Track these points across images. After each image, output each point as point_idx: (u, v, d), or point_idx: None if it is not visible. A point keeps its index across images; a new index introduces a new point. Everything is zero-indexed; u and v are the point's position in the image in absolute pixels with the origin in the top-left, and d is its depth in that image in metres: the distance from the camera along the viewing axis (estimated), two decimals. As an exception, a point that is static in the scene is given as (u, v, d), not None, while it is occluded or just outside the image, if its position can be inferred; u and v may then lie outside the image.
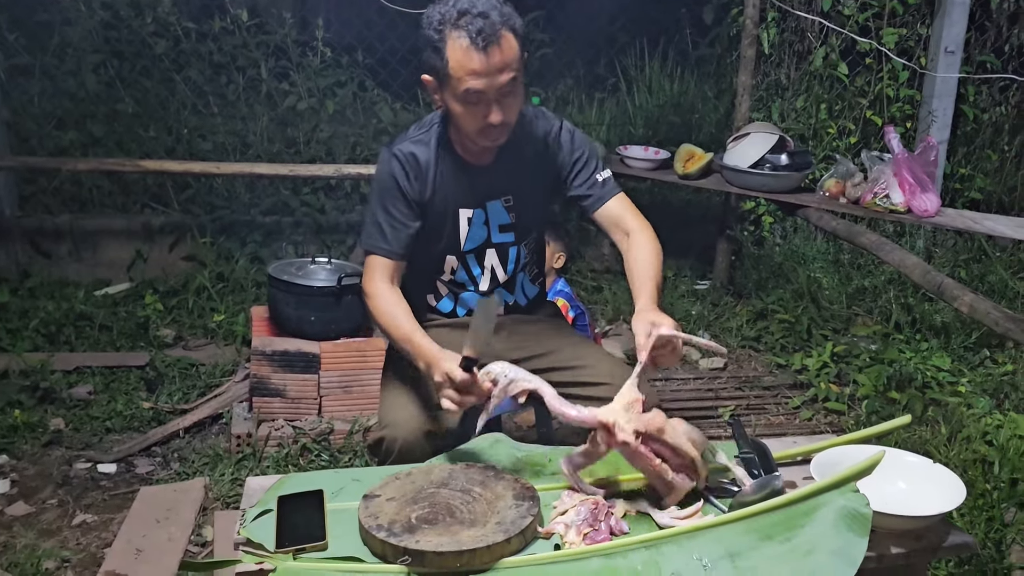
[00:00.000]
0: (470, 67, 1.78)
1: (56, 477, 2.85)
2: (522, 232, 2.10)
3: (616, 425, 1.59)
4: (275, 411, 3.05)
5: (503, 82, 1.80)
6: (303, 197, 4.54)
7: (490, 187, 2.03)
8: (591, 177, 2.06)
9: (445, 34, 1.78)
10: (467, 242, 2.06)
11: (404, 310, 1.94)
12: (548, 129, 2.05)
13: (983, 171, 4.78)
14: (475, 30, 1.75)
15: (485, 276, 2.11)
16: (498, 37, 1.77)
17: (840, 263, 4.45)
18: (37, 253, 4.33)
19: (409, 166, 1.98)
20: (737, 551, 1.46)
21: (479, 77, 1.79)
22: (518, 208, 2.07)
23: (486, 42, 1.76)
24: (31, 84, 4.40)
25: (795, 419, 3.35)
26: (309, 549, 1.48)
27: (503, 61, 1.79)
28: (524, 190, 2.06)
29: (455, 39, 1.77)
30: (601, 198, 2.06)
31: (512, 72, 1.81)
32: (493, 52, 1.77)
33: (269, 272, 3.14)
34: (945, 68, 4.46)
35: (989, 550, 2.36)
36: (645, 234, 2.03)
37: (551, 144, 2.05)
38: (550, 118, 2.07)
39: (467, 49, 1.77)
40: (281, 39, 4.62)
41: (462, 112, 1.86)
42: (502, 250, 2.09)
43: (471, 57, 1.77)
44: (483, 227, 2.05)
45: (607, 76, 5.23)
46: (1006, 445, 2.81)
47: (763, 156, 3.58)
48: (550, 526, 1.55)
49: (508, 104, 1.85)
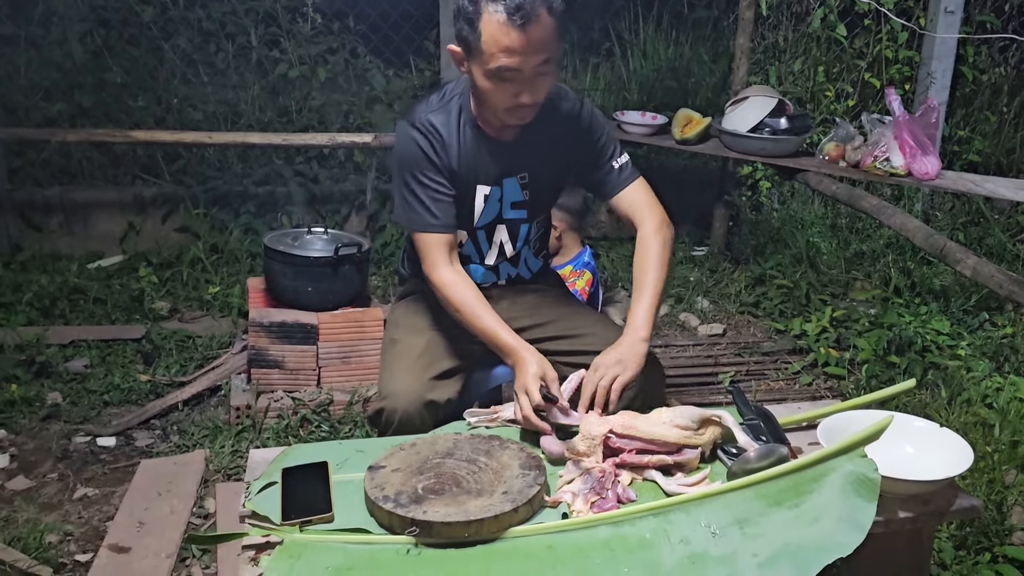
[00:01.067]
0: (504, 44, 1.71)
1: (55, 451, 2.84)
2: (534, 210, 2.07)
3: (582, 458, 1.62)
4: (274, 382, 3.04)
5: (537, 62, 1.74)
6: (296, 167, 4.49)
7: (509, 164, 1.98)
8: (608, 163, 2.02)
9: (481, 6, 1.71)
10: (480, 218, 2.02)
11: (481, 300, 1.91)
12: (570, 110, 1.99)
13: (982, 133, 4.75)
14: (513, 6, 1.68)
15: (493, 251, 2.08)
16: (537, 15, 1.69)
17: (838, 227, 4.43)
18: (28, 227, 4.29)
19: (433, 137, 1.91)
20: (745, 517, 1.46)
21: (513, 55, 1.72)
22: (532, 186, 2.02)
23: (524, 20, 1.68)
24: (17, 54, 4.31)
25: (795, 384, 3.35)
26: (315, 521, 1.47)
27: (539, 41, 1.72)
28: (540, 169, 2.01)
29: (491, 13, 1.70)
30: (618, 185, 2.02)
31: (547, 53, 1.75)
32: (530, 31, 1.70)
33: (265, 243, 3.11)
34: (945, 28, 4.40)
35: (991, 512, 2.37)
36: (656, 233, 1.99)
37: (571, 126, 1.99)
38: (572, 98, 2.01)
39: (503, 25, 1.69)
40: (270, 5, 4.54)
41: (491, 88, 1.79)
42: (513, 227, 2.06)
43: (507, 34, 1.70)
44: (496, 203, 2.01)
45: (602, 40, 5.16)
46: (1006, 408, 2.82)
47: (762, 120, 3.54)
48: (557, 495, 1.54)
49: (539, 84, 1.79)
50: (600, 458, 1.62)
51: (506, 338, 1.85)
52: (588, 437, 1.63)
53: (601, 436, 1.62)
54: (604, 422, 1.65)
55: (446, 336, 2.04)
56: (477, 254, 2.08)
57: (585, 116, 2.00)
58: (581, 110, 2.00)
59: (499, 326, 1.87)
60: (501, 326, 1.87)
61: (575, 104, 2.00)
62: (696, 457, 1.63)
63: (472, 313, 1.89)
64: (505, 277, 2.13)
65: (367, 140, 4.07)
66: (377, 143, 4.06)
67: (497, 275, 2.12)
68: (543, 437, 1.70)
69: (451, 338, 2.03)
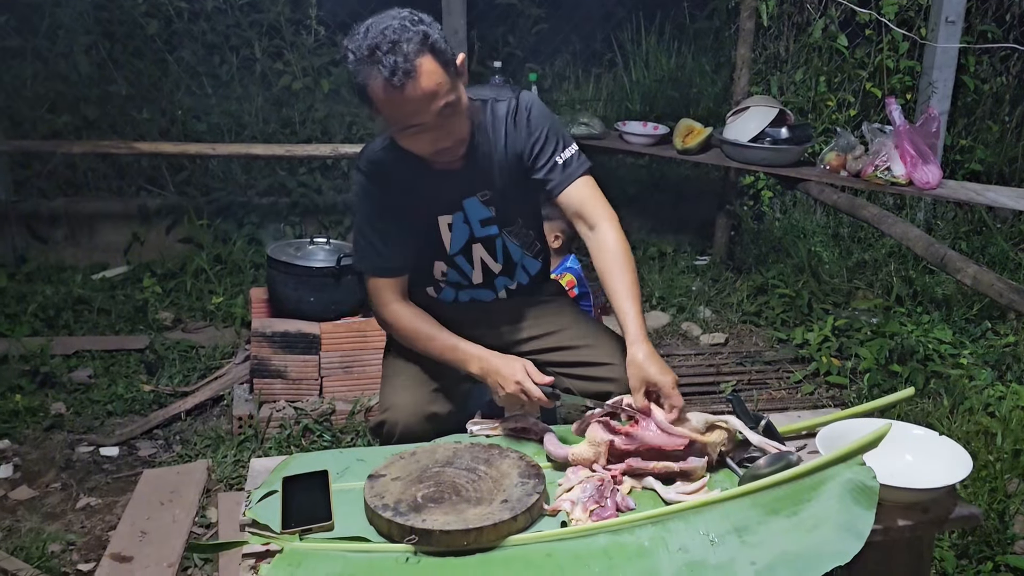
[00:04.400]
0: (396, 106, 1.65)
1: (59, 461, 2.85)
2: (505, 222, 2.01)
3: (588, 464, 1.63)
4: (276, 392, 3.05)
5: (436, 110, 1.66)
6: (299, 177, 4.51)
7: (464, 187, 1.92)
8: (551, 160, 1.90)
9: (363, 75, 1.64)
10: (452, 245, 1.99)
11: (430, 322, 1.90)
12: (506, 111, 1.90)
13: (983, 142, 4.75)
14: (388, 70, 1.60)
15: (476, 271, 2.05)
16: (414, 69, 1.61)
17: (840, 236, 4.43)
18: (33, 238, 4.31)
19: (378, 176, 1.87)
20: (744, 526, 1.46)
21: (410, 115, 1.66)
22: (496, 200, 1.95)
23: (403, 79, 1.60)
24: (23, 67, 4.35)
25: (797, 393, 3.35)
26: (315, 529, 1.48)
27: (429, 91, 1.64)
28: (499, 181, 1.93)
29: (373, 79, 1.63)
30: (561, 183, 1.90)
31: (443, 98, 1.66)
32: (412, 87, 1.62)
33: (268, 253, 3.12)
34: (945, 38, 4.42)
35: (992, 521, 2.36)
36: (613, 233, 1.87)
37: (510, 126, 1.90)
38: (506, 96, 1.91)
39: (386, 89, 1.62)
40: (274, 18, 4.57)
41: (408, 143, 1.75)
42: (488, 243, 2.01)
43: (393, 97, 1.63)
44: (464, 226, 1.97)
45: (604, 51, 5.19)
46: (1008, 416, 2.81)
47: (763, 130, 3.55)
48: (556, 503, 1.54)
49: (452, 125, 1.72)
50: (604, 463, 1.62)
51: (468, 348, 1.85)
52: (594, 443, 1.64)
53: (606, 443, 1.63)
54: (609, 428, 1.66)
55: None
56: (463, 278, 2.05)
57: (522, 112, 1.89)
58: (517, 108, 1.90)
59: (458, 339, 1.87)
60: (459, 339, 1.87)
61: (510, 103, 1.90)
62: (703, 466, 1.63)
63: (427, 336, 1.89)
64: (503, 289, 2.10)
65: (370, 151, 4.09)
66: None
67: (494, 290, 2.09)
68: (547, 436, 1.71)
69: None
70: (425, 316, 1.93)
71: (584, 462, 1.64)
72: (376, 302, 1.95)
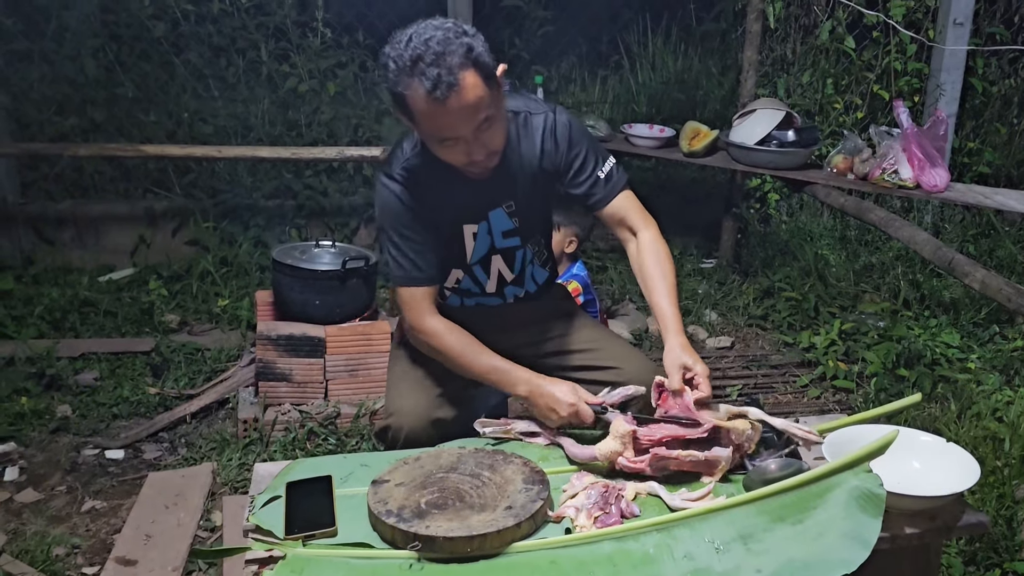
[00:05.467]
0: (435, 119, 1.65)
1: (64, 464, 2.86)
2: (527, 234, 2.02)
3: (616, 460, 1.63)
4: (281, 395, 3.05)
5: (475, 125, 1.67)
6: (306, 180, 4.52)
7: (491, 198, 1.93)
8: (593, 174, 1.94)
9: (403, 85, 1.63)
10: (473, 255, 1.99)
11: (472, 340, 1.87)
12: (543, 125, 1.91)
13: (992, 145, 4.73)
14: (431, 81, 1.60)
15: (492, 281, 2.05)
16: (458, 82, 1.60)
17: (847, 240, 4.41)
18: (40, 240, 4.32)
19: (410, 185, 1.85)
20: (749, 533, 1.45)
21: (448, 129, 1.67)
22: (521, 212, 1.96)
23: (446, 92, 1.60)
24: (30, 70, 4.36)
25: (803, 397, 3.33)
26: (319, 535, 1.47)
27: (470, 105, 1.64)
28: (526, 193, 1.95)
29: (414, 90, 1.62)
30: (605, 197, 1.96)
31: (483, 112, 1.67)
32: (455, 100, 1.62)
33: (273, 256, 3.12)
34: (954, 40, 4.39)
35: (1000, 528, 2.35)
36: (655, 239, 1.96)
37: (547, 141, 1.91)
38: (542, 110, 1.92)
39: (428, 101, 1.62)
40: (281, 20, 4.57)
41: (443, 153, 1.75)
42: (508, 255, 2.02)
43: (434, 109, 1.63)
44: (487, 237, 1.97)
45: (610, 53, 5.18)
46: (1016, 422, 2.79)
47: (769, 133, 3.55)
48: (560, 510, 1.54)
49: (489, 137, 1.72)
50: (632, 454, 1.62)
51: (513, 369, 1.83)
52: (618, 435, 1.63)
53: (630, 432, 1.63)
54: (630, 419, 1.67)
55: None
56: (476, 286, 2.05)
57: (561, 128, 1.91)
58: (555, 124, 1.91)
59: (502, 360, 1.85)
60: (505, 360, 1.85)
61: (547, 117, 1.91)
62: (727, 458, 1.61)
63: (470, 359, 1.86)
64: (512, 297, 2.09)
65: (376, 153, 4.09)
66: (386, 156, 4.07)
67: (503, 297, 2.08)
68: (564, 441, 1.72)
69: None
70: (467, 335, 1.89)
71: (615, 455, 1.63)
72: (413, 313, 1.90)
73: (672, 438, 1.64)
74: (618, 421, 1.66)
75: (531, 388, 1.80)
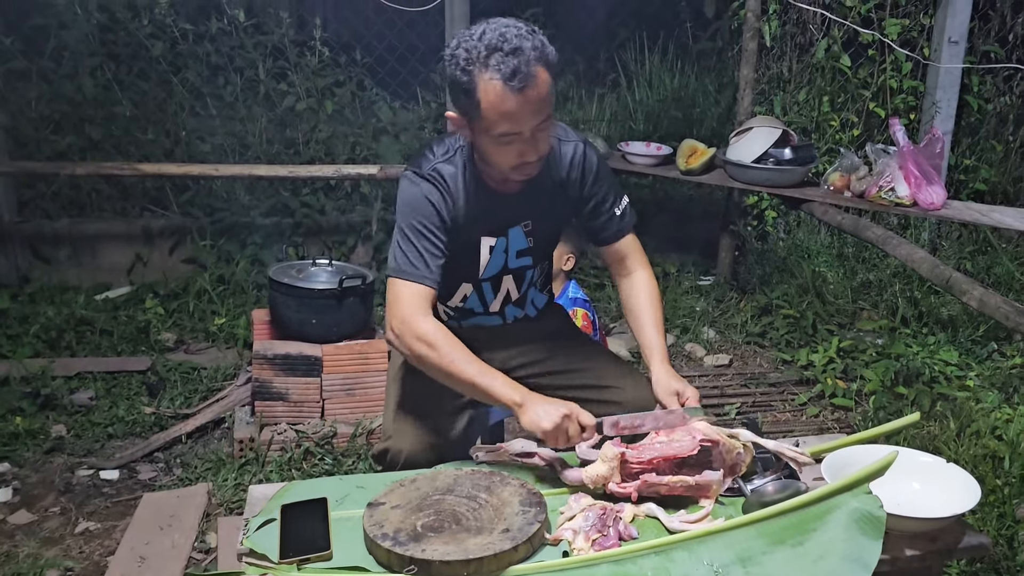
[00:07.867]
0: (504, 110, 1.65)
1: (58, 484, 2.83)
2: (539, 255, 2.03)
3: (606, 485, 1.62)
4: (278, 415, 3.03)
5: (538, 122, 1.69)
6: (303, 198, 4.52)
7: (513, 214, 1.93)
8: (610, 211, 1.98)
9: (475, 75, 1.64)
10: (486, 270, 1.97)
11: (464, 348, 1.78)
12: (572, 153, 1.93)
13: (988, 162, 4.74)
14: (509, 71, 1.61)
15: (498, 300, 2.03)
16: (534, 76, 1.63)
17: (844, 257, 4.41)
18: (36, 258, 4.31)
19: (442, 187, 1.84)
20: (748, 556, 1.44)
21: (514, 120, 1.67)
22: (536, 232, 1.97)
23: (523, 84, 1.62)
24: (28, 88, 4.37)
25: (802, 416, 3.32)
26: (313, 559, 1.46)
27: (539, 100, 1.66)
28: (544, 214, 1.96)
29: (487, 80, 1.63)
30: (615, 235, 2.01)
31: (547, 110, 1.70)
32: (529, 93, 1.64)
33: (270, 275, 3.11)
34: (949, 59, 4.42)
35: (1001, 547, 2.33)
36: (650, 279, 2.03)
37: (574, 170, 1.93)
38: (573, 139, 1.94)
39: (501, 92, 1.63)
40: (279, 39, 4.59)
41: (495, 151, 1.75)
42: (519, 274, 2.01)
43: (506, 100, 1.64)
44: (502, 254, 1.96)
45: (607, 71, 5.20)
46: (1016, 440, 2.78)
47: (766, 150, 3.55)
48: (558, 532, 1.52)
49: (541, 140, 1.74)
50: (619, 479, 1.61)
51: (504, 385, 1.74)
52: (607, 459, 1.62)
53: (619, 455, 1.61)
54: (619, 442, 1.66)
55: None
56: (481, 304, 2.03)
57: (588, 163, 1.94)
58: (585, 156, 1.94)
59: (495, 373, 1.77)
60: (496, 373, 1.77)
61: (576, 147, 1.93)
62: (718, 480, 1.60)
63: (460, 366, 1.75)
64: (512, 318, 2.08)
65: (373, 172, 4.09)
66: (383, 175, 4.08)
67: (503, 318, 2.08)
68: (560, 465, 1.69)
69: None
70: (458, 340, 1.80)
71: (601, 480, 1.61)
72: (408, 310, 1.79)
73: (663, 459, 1.63)
74: (607, 445, 1.65)
75: (523, 394, 1.74)
